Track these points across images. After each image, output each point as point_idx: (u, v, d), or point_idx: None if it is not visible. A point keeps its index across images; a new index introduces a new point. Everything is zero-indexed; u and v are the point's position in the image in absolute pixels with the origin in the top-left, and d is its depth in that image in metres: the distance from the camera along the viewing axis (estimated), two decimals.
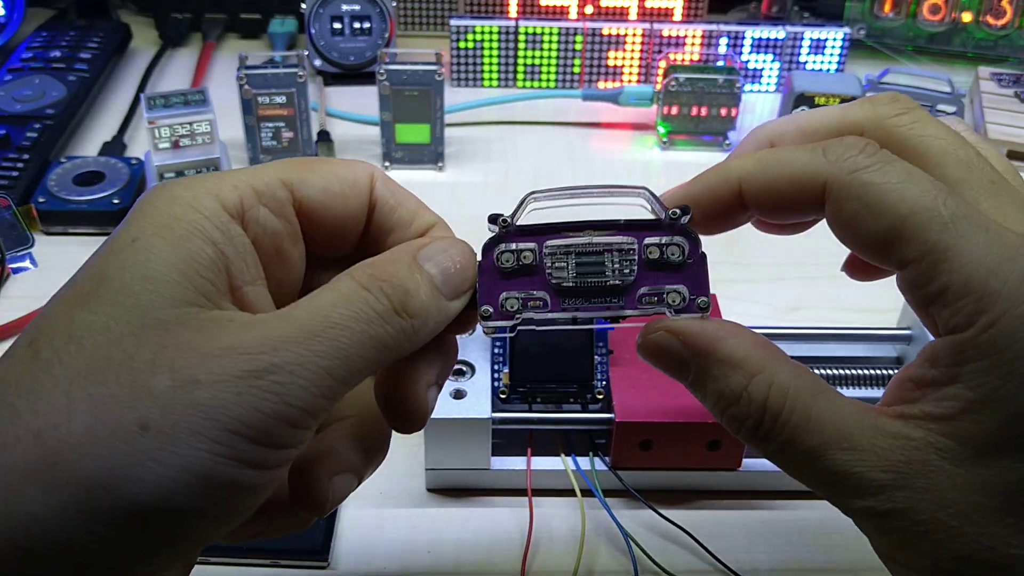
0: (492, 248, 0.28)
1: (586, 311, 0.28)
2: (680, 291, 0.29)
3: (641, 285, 0.28)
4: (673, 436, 0.40)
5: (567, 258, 0.28)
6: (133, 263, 0.23)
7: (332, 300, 0.24)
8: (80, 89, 0.68)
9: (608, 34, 0.72)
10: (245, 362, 0.22)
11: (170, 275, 0.23)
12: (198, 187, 0.25)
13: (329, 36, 0.73)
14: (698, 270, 0.29)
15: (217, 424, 0.22)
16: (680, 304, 0.29)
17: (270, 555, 0.39)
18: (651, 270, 0.28)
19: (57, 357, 0.22)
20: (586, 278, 0.28)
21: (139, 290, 0.23)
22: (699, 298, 0.29)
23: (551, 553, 0.40)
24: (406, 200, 0.29)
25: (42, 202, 0.57)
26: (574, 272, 0.28)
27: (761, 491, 0.43)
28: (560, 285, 0.28)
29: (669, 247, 0.28)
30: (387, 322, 0.25)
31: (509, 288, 0.28)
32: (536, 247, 0.28)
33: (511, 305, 0.28)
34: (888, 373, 0.44)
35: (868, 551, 0.40)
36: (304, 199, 0.27)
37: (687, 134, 0.68)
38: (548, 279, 0.28)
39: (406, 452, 0.44)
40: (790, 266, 0.57)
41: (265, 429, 0.23)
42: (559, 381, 0.41)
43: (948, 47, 0.78)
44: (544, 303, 0.28)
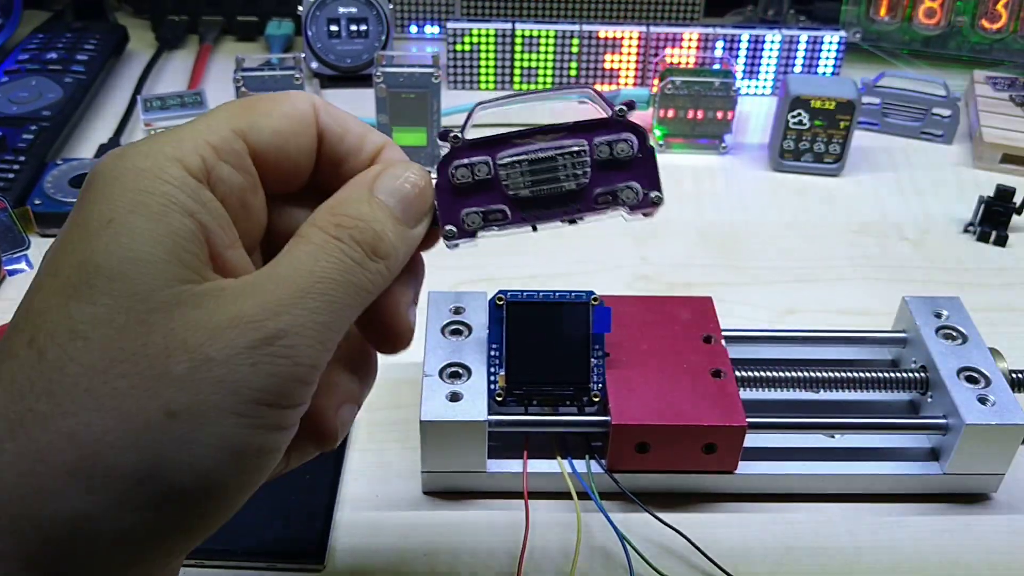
0: (446, 165, 0.28)
1: (545, 218, 0.29)
2: (633, 187, 0.29)
3: (595, 186, 0.29)
4: (669, 439, 0.40)
5: (521, 167, 0.28)
6: (118, 246, 0.23)
7: (311, 254, 0.25)
8: (76, 91, 0.68)
9: (604, 37, 0.73)
10: (253, 331, 0.23)
11: (158, 255, 0.23)
12: (158, 154, 0.24)
13: (326, 38, 0.73)
14: (648, 164, 0.29)
15: (239, 397, 0.23)
16: (635, 200, 0.29)
17: (266, 557, 0.39)
18: (603, 170, 0.29)
19: (67, 355, 0.22)
20: (541, 186, 0.29)
21: (132, 274, 0.23)
22: (652, 192, 0.29)
23: (547, 556, 0.40)
24: (351, 125, 0.29)
25: (38, 204, 0.57)
26: (529, 181, 0.29)
27: (757, 494, 0.43)
28: (517, 196, 0.29)
29: (618, 144, 0.29)
30: (364, 268, 0.25)
31: (468, 204, 0.29)
32: (489, 160, 0.28)
33: (472, 221, 0.29)
34: (883, 376, 0.44)
35: (865, 552, 0.41)
36: (257, 145, 0.27)
37: (683, 137, 0.68)
38: (505, 191, 0.29)
39: (402, 455, 0.44)
40: (786, 269, 0.58)
41: (284, 392, 0.24)
42: (555, 384, 0.41)
43: (943, 50, 0.78)
44: (504, 215, 0.29)
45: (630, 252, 0.58)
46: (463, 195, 0.29)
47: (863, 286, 0.56)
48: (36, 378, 0.22)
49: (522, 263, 0.57)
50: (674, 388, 0.41)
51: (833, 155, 0.65)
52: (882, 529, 0.41)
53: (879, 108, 0.70)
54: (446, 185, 0.28)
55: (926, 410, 0.44)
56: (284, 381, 0.24)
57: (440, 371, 0.42)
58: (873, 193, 0.65)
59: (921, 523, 0.42)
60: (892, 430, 0.43)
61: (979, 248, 0.60)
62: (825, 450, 0.44)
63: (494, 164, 0.28)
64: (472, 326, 0.44)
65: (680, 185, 0.65)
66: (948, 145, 0.70)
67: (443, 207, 0.28)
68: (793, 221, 0.62)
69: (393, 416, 0.46)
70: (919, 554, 0.41)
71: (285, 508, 0.41)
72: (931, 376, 0.43)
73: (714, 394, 0.41)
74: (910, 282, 0.57)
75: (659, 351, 0.43)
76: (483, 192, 0.29)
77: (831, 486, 0.43)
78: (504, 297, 0.42)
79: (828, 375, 0.44)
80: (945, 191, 0.65)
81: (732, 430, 0.40)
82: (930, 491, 0.43)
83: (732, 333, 0.45)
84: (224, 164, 0.26)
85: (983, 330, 0.45)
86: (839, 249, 0.60)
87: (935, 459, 0.43)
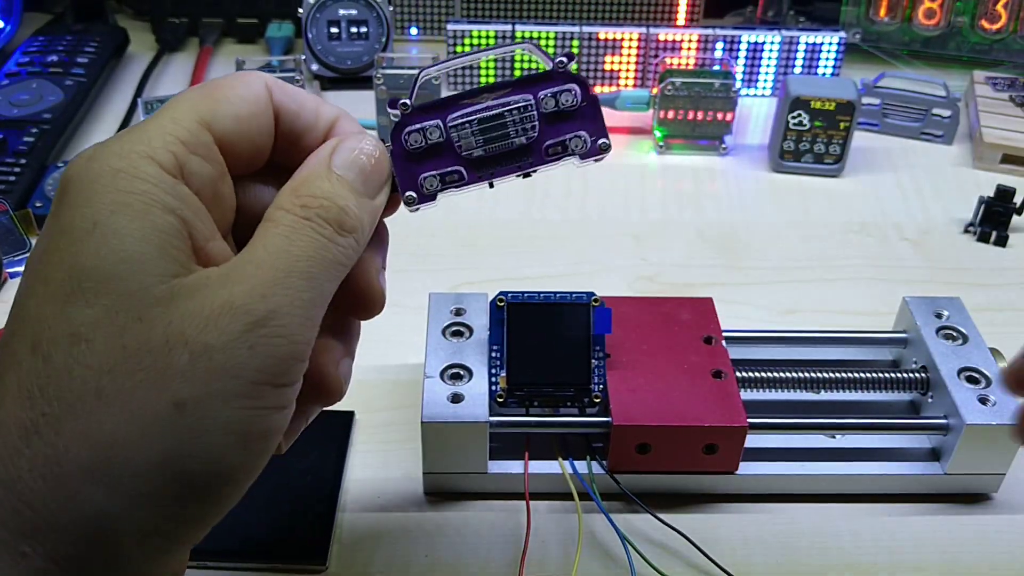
0: (399, 132, 0.29)
1: (500, 174, 0.30)
2: (581, 136, 0.30)
3: (545, 138, 0.30)
4: (670, 439, 0.40)
5: (471, 127, 0.29)
6: (107, 248, 0.23)
7: (285, 236, 0.26)
8: (77, 94, 0.68)
9: (604, 38, 0.73)
10: (245, 315, 0.24)
11: (147, 252, 0.24)
12: (130, 153, 0.25)
13: (326, 40, 0.73)
14: (593, 112, 0.30)
15: (241, 381, 0.24)
16: (584, 148, 0.30)
17: (268, 558, 0.39)
18: (551, 122, 0.30)
19: (72, 358, 0.23)
20: (493, 143, 0.30)
21: (125, 274, 0.23)
22: (599, 139, 0.30)
23: (548, 557, 0.40)
24: (305, 100, 0.29)
25: (39, 207, 0.57)
26: (481, 140, 0.30)
27: (758, 494, 0.43)
28: (471, 156, 0.30)
29: (562, 95, 0.30)
30: (335, 243, 0.26)
31: (424, 169, 0.30)
32: (440, 123, 0.29)
33: (430, 184, 0.30)
34: (884, 376, 0.44)
35: (866, 552, 0.41)
36: (222, 133, 0.27)
37: (683, 138, 0.68)
38: (459, 152, 0.30)
39: (403, 456, 0.44)
40: (786, 269, 0.58)
41: (281, 371, 0.24)
42: (556, 385, 0.41)
43: (943, 51, 0.78)
44: (460, 175, 0.30)
45: (630, 253, 0.58)
46: (418, 160, 0.30)
47: (863, 286, 0.56)
48: (44, 383, 0.23)
49: (523, 264, 0.57)
50: (675, 389, 0.41)
51: (833, 156, 0.65)
52: (883, 529, 0.41)
53: (879, 109, 0.71)
54: (400, 152, 0.29)
55: (927, 410, 0.44)
56: (281, 360, 0.24)
57: (441, 372, 0.42)
58: (873, 194, 0.65)
59: (922, 523, 0.42)
60: (893, 430, 0.43)
61: (979, 248, 0.60)
62: (826, 450, 0.44)
63: (445, 127, 0.29)
64: (473, 327, 0.44)
65: (680, 186, 0.65)
66: (948, 145, 0.70)
67: (401, 174, 0.29)
68: (793, 222, 0.62)
69: (394, 417, 0.46)
70: (920, 554, 0.41)
71: (287, 509, 0.41)
72: (932, 376, 0.43)
73: (715, 395, 0.41)
74: (911, 282, 0.57)
75: (660, 352, 0.43)
76: (437, 155, 0.30)
77: (832, 486, 0.43)
78: (505, 298, 0.42)
79: (829, 375, 0.44)
80: (945, 191, 0.65)
81: (733, 431, 0.40)
82: (931, 491, 0.43)
83: (733, 334, 0.45)
84: (195, 157, 0.26)
85: (984, 330, 0.45)
86: (839, 250, 0.60)
87: (936, 459, 0.43)
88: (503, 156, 0.30)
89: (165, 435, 0.23)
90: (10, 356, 0.23)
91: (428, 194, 0.30)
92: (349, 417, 0.45)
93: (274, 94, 0.28)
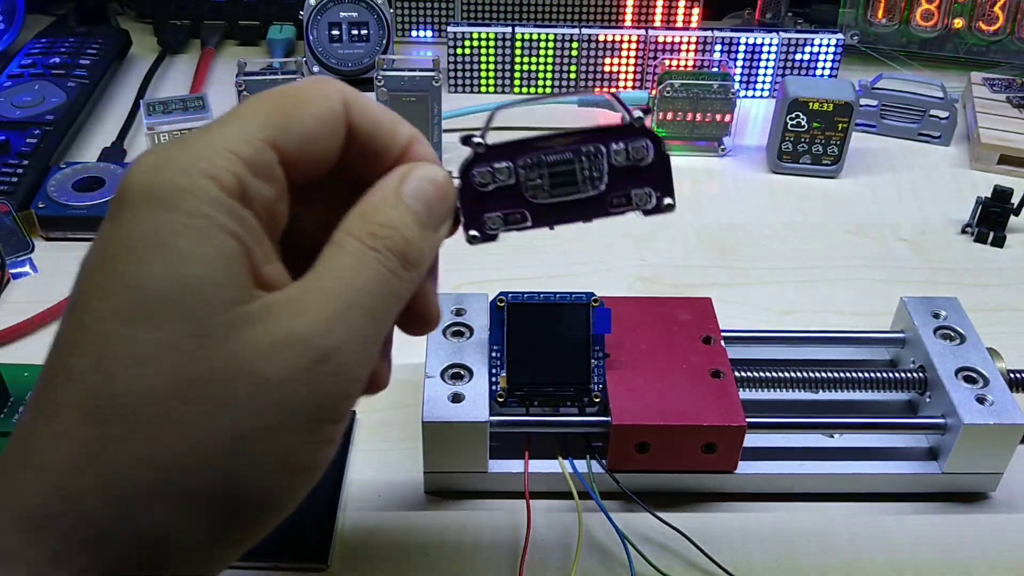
0: (469, 169, 0.29)
1: (563, 220, 0.30)
2: (648, 193, 0.30)
3: (612, 190, 0.30)
4: (670, 439, 0.40)
5: (540, 172, 0.29)
6: (174, 271, 0.23)
7: (350, 266, 0.25)
8: (80, 95, 0.68)
9: (604, 40, 0.73)
10: (308, 349, 0.24)
11: (212, 278, 0.24)
12: (193, 171, 0.24)
13: (327, 42, 0.73)
14: (662, 170, 0.30)
15: (298, 418, 0.24)
16: (648, 205, 0.31)
17: (270, 557, 0.39)
18: (619, 174, 0.30)
19: (135, 381, 0.23)
20: (560, 189, 0.29)
21: (190, 299, 0.23)
22: (665, 199, 0.31)
23: (548, 556, 0.40)
24: (382, 121, 0.28)
25: (42, 207, 0.57)
26: (548, 185, 0.29)
27: (757, 493, 0.43)
28: (536, 200, 0.29)
29: (634, 150, 0.30)
30: (399, 277, 0.26)
31: (489, 208, 0.29)
32: (510, 165, 0.29)
33: (494, 224, 0.30)
34: (882, 376, 0.44)
35: (863, 552, 0.41)
36: (287, 151, 0.26)
37: (682, 140, 0.68)
38: (525, 195, 0.29)
39: (404, 455, 0.44)
40: (784, 270, 0.58)
41: (336, 408, 0.25)
42: (556, 384, 0.41)
43: (941, 52, 0.79)
44: (523, 216, 0.30)
45: (630, 254, 0.59)
46: (484, 199, 0.29)
47: (861, 287, 0.57)
48: (106, 402, 0.23)
49: (523, 265, 0.57)
50: (674, 388, 0.42)
51: (831, 157, 0.66)
52: (881, 528, 0.42)
53: (877, 110, 0.71)
54: (468, 189, 0.29)
55: (924, 410, 0.44)
56: (336, 399, 0.25)
57: (442, 372, 0.42)
58: (871, 194, 0.65)
59: (920, 522, 0.42)
60: (891, 430, 0.44)
61: (977, 249, 0.60)
62: (824, 450, 0.44)
63: (515, 169, 0.29)
64: (473, 327, 0.44)
65: (679, 187, 0.65)
66: (946, 146, 0.70)
67: (466, 211, 0.29)
68: (791, 222, 0.62)
69: (395, 417, 0.46)
70: (918, 553, 0.41)
71: None
72: (929, 376, 0.44)
73: (714, 394, 0.41)
74: (908, 283, 0.57)
75: (659, 352, 0.43)
76: (504, 196, 0.29)
77: (830, 486, 0.43)
78: (505, 299, 0.42)
79: (827, 375, 0.44)
80: (943, 192, 0.66)
81: (732, 430, 0.40)
82: (929, 490, 0.43)
83: (731, 334, 0.45)
84: (257, 180, 0.25)
85: (981, 330, 0.45)
86: (837, 250, 0.60)
87: (934, 459, 0.43)
88: (568, 203, 0.30)
89: (224, 464, 0.23)
90: (68, 370, 0.23)
91: (490, 234, 0.30)
92: (350, 417, 0.45)
93: (352, 113, 0.27)
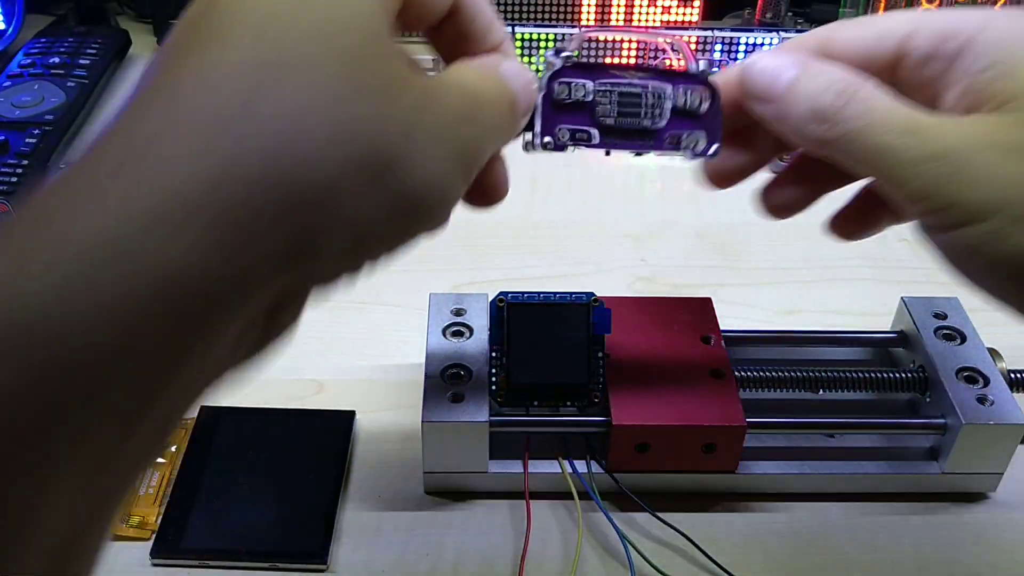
0: (553, 80, 0.31)
1: (620, 146, 0.32)
2: (699, 136, 0.33)
3: (669, 128, 0.32)
4: (669, 439, 0.40)
5: (612, 96, 0.32)
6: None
7: (477, 79, 0.27)
8: (79, 95, 0.68)
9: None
10: (460, 100, 0.26)
11: (371, 7, 0.24)
12: None
13: None
14: (715, 120, 0.33)
15: (449, 142, 0.25)
16: (698, 148, 0.33)
17: (269, 558, 0.39)
18: (677, 116, 0.32)
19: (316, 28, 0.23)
20: (625, 117, 0.32)
21: (354, 26, 0.23)
22: (713, 144, 0.33)
23: (548, 556, 0.40)
24: (484, 10, 0.30)
25: None
26: (616, 111, 0.32)
27: (757, 493, 0.43)
28: (603, 122, 0.32)
29: (694, 95, 0.32)
30: (512, 113, 0.29)
31: (562, 121, 0.32)
32: (590, 83, 0.31)
33: (563, 136, 0.32)
34: (882, 376, 0.44)
35: (864, 550, 0.41)
36: None
37: None
38: (595, 115, 0.32)
39: (404, 455, 0.44)
40: (785, 270, 0.58)
41: (475, 153, 0.26)
42: (556, 384, 0.41)
43: None
44: (588, 135, 0.32)
45: (629, 254, 0.59)
46: (560, 109, 0.32)
47: (862, 287, 0.57)
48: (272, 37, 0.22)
49: (523, 265, 0.57)
50: (674, 388, 0.41)
51: None
52: (881, 528, 0.42)
53: None
54: (547, 97, 0.31)
55: (925, 410, 0.44)
56: (479, 145, 0.26)
57: (441, 372, 0.42)
58: None
59: (920, 522, 0.42)
60: (891, 430, 0.44)
61: None
62: (824, 450, 0.44)
63: (593, 88, 0.31)
64: (473, 327, 0.44)
65: (679, 187, 0.65)
66: None
67: (544, 116, 0.31)
68: (792, 222, 0.62)
69: (395, 417, 0.46)
70: (918, 553, 0.41)
71: (288, 509, 0.41)
72: (930, 376, 0.44)
73: (714, 394, 0.41)
74: (909, 282, 0.57)
75: (659, 352, 0.43)
76: (576, 111, 0.32)
77: (830, 486, 0.43)
78: (505, 299, 0.42)
79: (827, 375, 0.44)
80: None
81: (732, 430, 0.40)
82: (929, 490, 0.43)
83: (731, 334, 0.45)
84: None
85: (981, 330, 0.45)
86: (838, 250, 0.60)
87: (934, 459, 0.43)
88: (629, 131, 0.32)
89: (400, 138, 0.23)
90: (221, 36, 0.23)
91: (560, 144, 0.32)
92: (350, 417, 0.45)
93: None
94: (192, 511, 0.41)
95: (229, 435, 0.44)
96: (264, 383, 0.48)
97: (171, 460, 0.43)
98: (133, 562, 0.39)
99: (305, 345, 0.50)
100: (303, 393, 0.48)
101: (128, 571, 0.39)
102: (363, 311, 0.53)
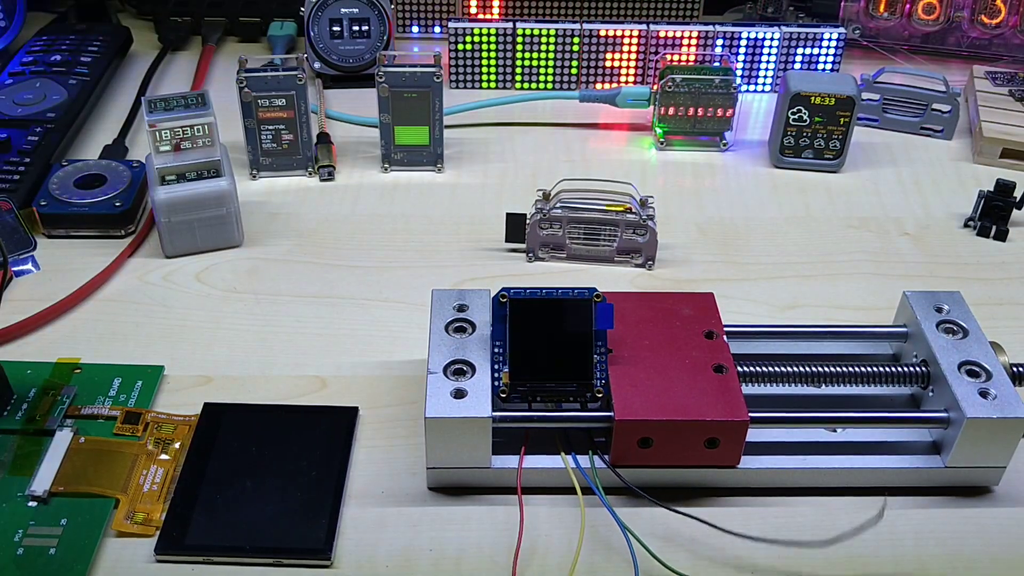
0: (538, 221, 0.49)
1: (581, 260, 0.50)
2: (641, 257, 0.54)
3: (618, 251, 0.52)
4: (672, 434, 0.40)
5: (578, 229, 0.52)
6: None
7: None
8: (81, 93, 0.68)
9: (605, 35, 0.73)
10: None
11: None
12: None
13: (328, 39, 0.73)
14: (652, 245, 0.54)
15: None
16: (639, 263, 0.55)
17: (273, 554, 0.39)
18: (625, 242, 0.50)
19: None
20: (587, 243, 0.54)
21: None
22: (648, 261, 0.54)
23: (551, 550, 0.40)
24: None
25: (44, 205, 0.57)
26: (581, 237, 0.54)
27: (759, 488, 0.43)
28: (571, 246, 0.50)
29: (636, 232, 0.53)
30: None
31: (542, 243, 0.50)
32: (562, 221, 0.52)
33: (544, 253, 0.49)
34: (884, 370, 0.44)
35: (865, 546, 0.41)
36: None
37: (684, 134, 0.68)
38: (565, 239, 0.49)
39: (407, 451, 0.44)
40: (787, 264, 0.58)
41: None
42: (558, 380, 0.42)
43: (943, 46, 0.78)
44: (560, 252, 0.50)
45: None
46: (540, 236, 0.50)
47: (864, 281, 0.57)
48: None
49: (525, 261, 0.57)
50: (676, 384, 0.42)
51: (833, 151, 0.66)
52: (884, 522, 0.42)
53: (879, 104, 0.71)
54: (535, 229, 0.49)
55: (927, 404, 0.44)
56: None
57: (444, 368, 0.42)
58: (873, 189, 0.65)
59: (923, 516, 0.42)
60: (894, 424, 0.44)
61: (979, 243, 0.60)
62: (827, 444, 0.44)
63: (564, 224, 0.53)
64: (476, 324, 0.44)
65: (681, 182, 0.65)
66: (948, 140, 0.70)
67: (529, 240, 0.51)
68: (794, 217, 0.62)
69: (398, 413, 0.46)
70: (921, 547, 0.41)
71: (293, 505, 0.41)
72: (932, 370, 0.44)
73: (716, 389, 0.41)
74: (911, 277, 0.57)
75: (661, 347, 0.43)
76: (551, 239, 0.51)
77: (833, 480, 0.43)
78: (507, 295, 0.42)
79: (830, 370, 0.44)
80: (945, 186, 0.66)
81: (734, 425, 0.40)
82: (932, 484, 0.43)
83: (734, 329, 0.45)
84: None
85: (984, 324, 0.45)
86: (840, 245, 0.60)
87: (937, 452, 0.43)
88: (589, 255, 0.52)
89: None
90: None
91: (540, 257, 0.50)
92: (353, 413, 0.46)
93: None
94: (196, 508, 0.41)
95: (233, 432, 0.44)
96: (267, 380, 0.48)
97: (175, 457, 0.43)
98: (138, 559, 0.39)
99: (308, 342, 0.50)
100: (306, 390, 0.48)
101: (133, 567, 0.39)
102: (366, 308, 0.53)
